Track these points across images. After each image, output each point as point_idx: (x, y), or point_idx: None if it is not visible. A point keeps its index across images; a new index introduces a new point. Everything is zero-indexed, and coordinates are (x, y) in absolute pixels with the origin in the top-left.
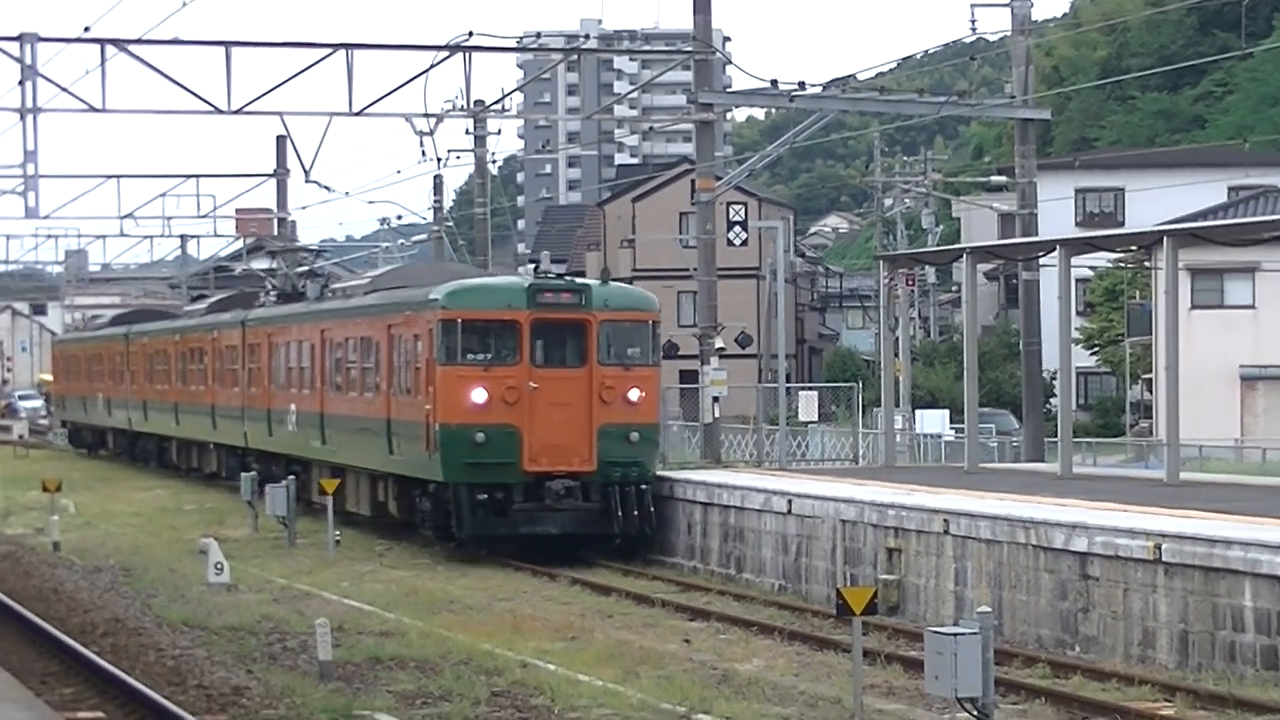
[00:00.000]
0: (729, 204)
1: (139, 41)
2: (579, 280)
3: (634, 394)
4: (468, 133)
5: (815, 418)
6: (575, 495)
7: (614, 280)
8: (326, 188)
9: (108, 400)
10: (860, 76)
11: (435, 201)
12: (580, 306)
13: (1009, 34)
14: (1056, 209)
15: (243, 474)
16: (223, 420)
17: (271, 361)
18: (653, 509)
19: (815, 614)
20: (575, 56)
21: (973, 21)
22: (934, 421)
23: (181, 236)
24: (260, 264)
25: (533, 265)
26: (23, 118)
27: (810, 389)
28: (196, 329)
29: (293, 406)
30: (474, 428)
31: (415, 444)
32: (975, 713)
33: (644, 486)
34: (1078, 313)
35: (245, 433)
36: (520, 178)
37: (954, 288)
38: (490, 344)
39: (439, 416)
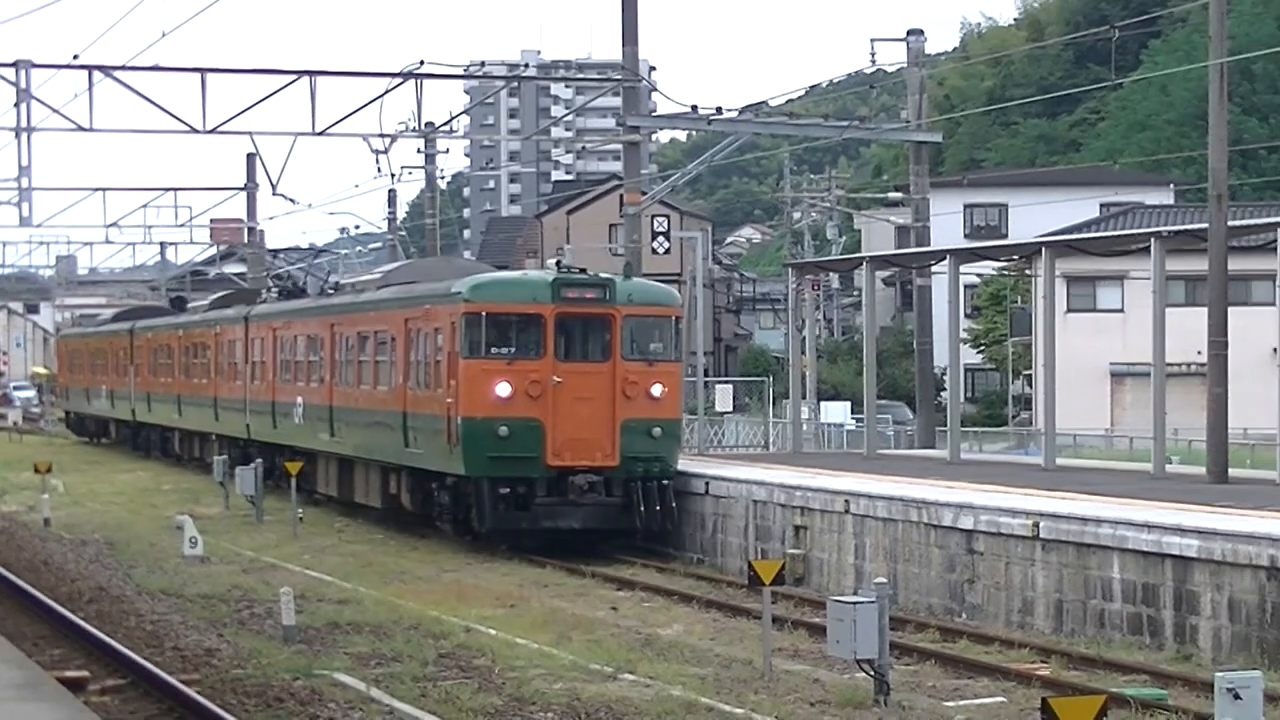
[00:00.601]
0: (654, 216)
1: (123, 68)
2: (603, 275)
3: (657, 389)
4: (419, 151)
5: (730, 408)
6: (598, 490)
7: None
8: (291, 200)
9: (111, 392)
10: (772, 103)
11: (390, 213)
12: (604, 301)
13: (905, 66)
14: (947, 222)
15: (215, 457)
16: (225, 412)
17: (277, 356)
18: (674, 504)
19: (730, 584)
20: (516, 84)
21: (873, 54)
22: (837, 412)
23: (161, 244)
24: (232, 268)
25: (554, 261)
26: (18, 136)
27: (726, 383)
28: (199, 324)
29: (299, 399)
30: (497, 421)
31: (435, 437)
32: (872, 673)
33: (665, 482)
34: (965, 315)
35: (248, 425)
36: (466, 192)
37: (855, 292)
38: (514, 338)
39: (461, 410)
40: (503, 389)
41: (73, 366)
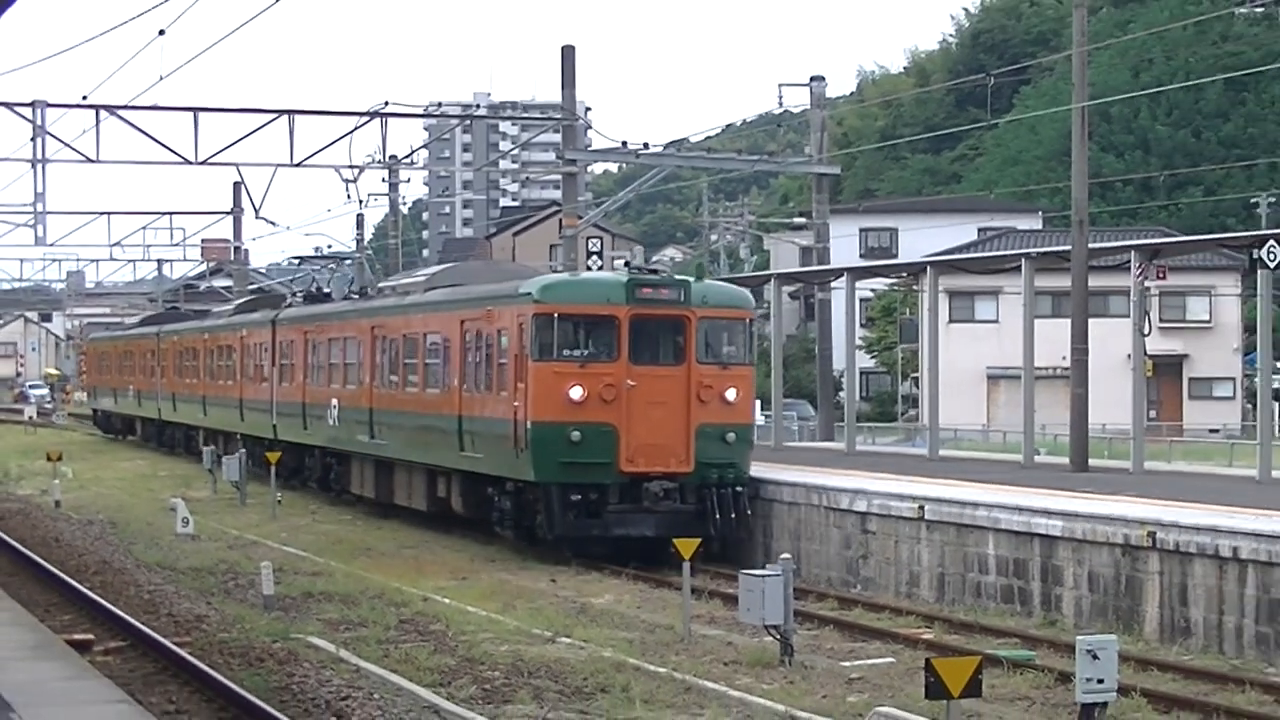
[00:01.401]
0: (589, 238)
1: (126, 107)
2: (678, 276)
3: (731, 393)
4: (384, 181)
5: None
6: (673, 497)
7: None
8: (272, 223)
9: (138, 392)
10: (692, 139)
11: (358, 235)
12: (679, 303)
13: (808, 107)
14: (844, 244)
15: (204, 448)
16: (250, 413)
17: (308, 358)
18: (749, 511)
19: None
20: (469, 122)
21: (780, 97)
22: None
23: (158, 261)
24: (220, 283)
25: (622, 262)
26: (34, 167)
27: None
28: (225, 328)
29: (334, 401)
30: (569, 426)
31: (498, 442)
32: (778, 637)
33: (739, 489)
34: (861, 325)
35: (274, 425)
36: (425, 216)
37: (765, 305)
38: (586, 339)
39: (531, 414)
40: (575, 392)
41: (100, 368)
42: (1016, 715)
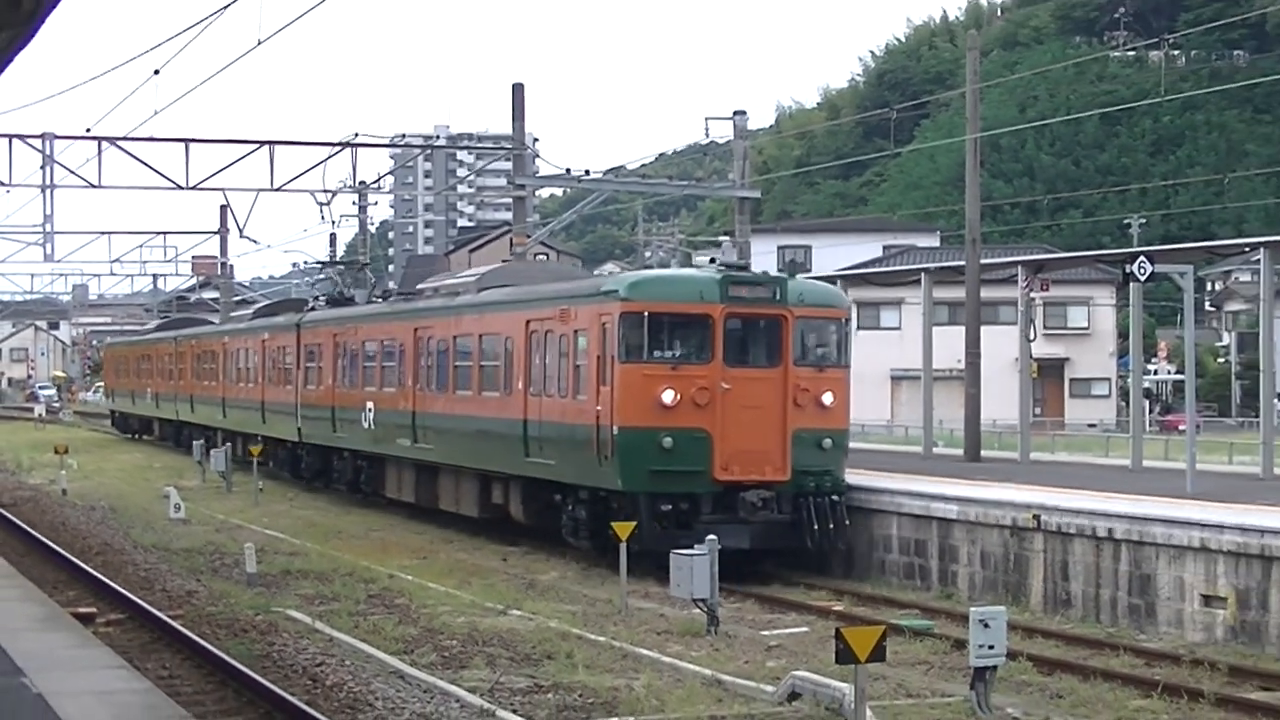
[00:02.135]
0: (536, 254)
1: (125, 138)
2: (772, 273)
3: (827, 397)
4: (354, 204)
5: None
6: (770, 507)
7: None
8: (255, 241)
9: (156, 394)
10: (629, 166)
11: (330, 252)
12: (774, 301)
13: (732, 138)
14: (764, 260)
15: (194, 442)
16: (273, 415)
17: (337, 361)
18: (847, 521)
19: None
20: (430, 151)
21: (707, 129)
22: None
23: (154, 275)
24: (209, 294)
25: (709, 260)
26: (43, 192)
27: None
28: (245, 332)
29: (369, 405)
30: (660, 432)
31: (574, 449)
32: (704, 609)
33: (836, 497)
34: None
35: (299, 428)
36: (391, 235)
37: None
38: (679, 340)
39: (618, 419)
40: (667, 396)
41: (119, 371)
42: (917, 678)
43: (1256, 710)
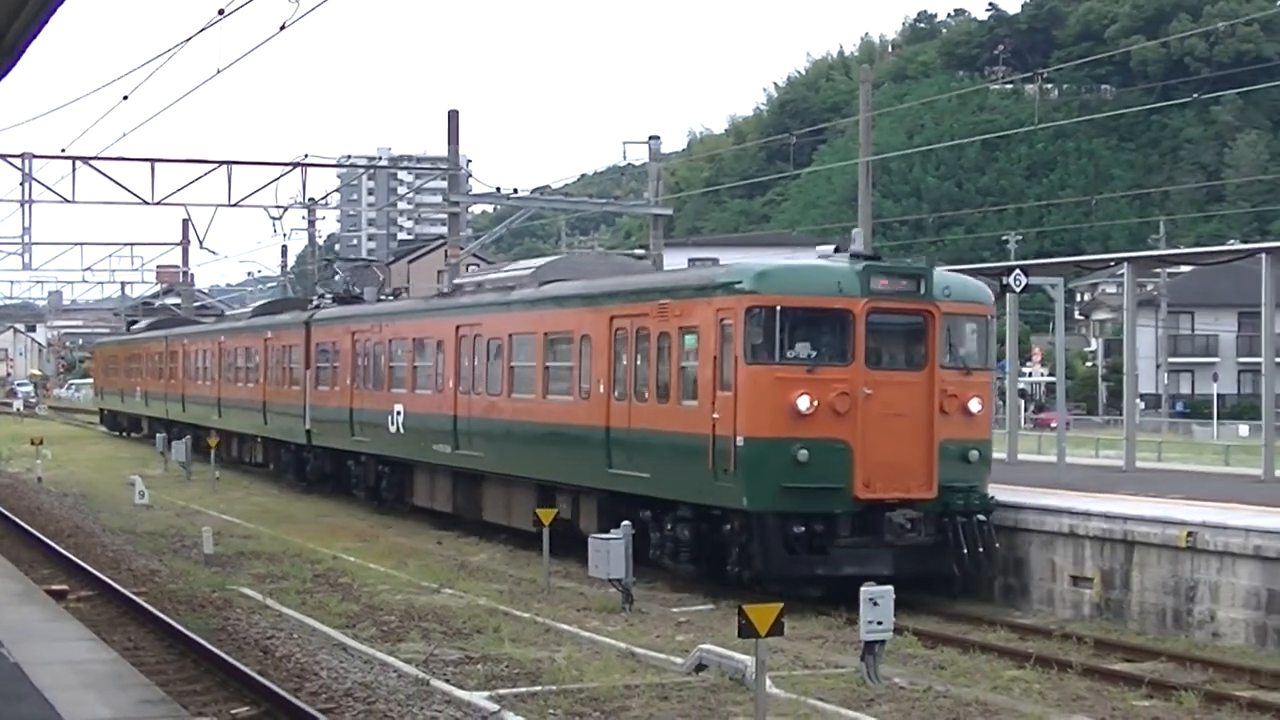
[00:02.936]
0: (469, 265)
1: (96, 158)
2: (915, 263)
3: (974, 404)
4: (303, 218)
5: None
6: (918, 529)
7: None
8: (213, 252)
9: (145, 393)
10: (554, 185)
11: (282, 263)
12: (919, 295)
13: (647, 160)
14: None
15: (157, 435)
16: (276, 417)
17: (355, 361)
18: (997, 544)
19: (519, 530)
20: (374, 171)
21: (624, 152)
22: None
23: (122, 283)
24: (171, 301)
25: (832, 249)
26: (22, 207)
27: None
28: (244, 330)
29: (398, 408)
30: (795, 443)
31: (680, 461)
32: (620, 588)
33: (983, 517)
34: None
35: (309, 430)
36: (337, 248)
37: None
38: (814, 339)
39: (744, 428)
40: (803, 403)
41: (108, 370)
42: (813, 650)
43: (1119, 679)
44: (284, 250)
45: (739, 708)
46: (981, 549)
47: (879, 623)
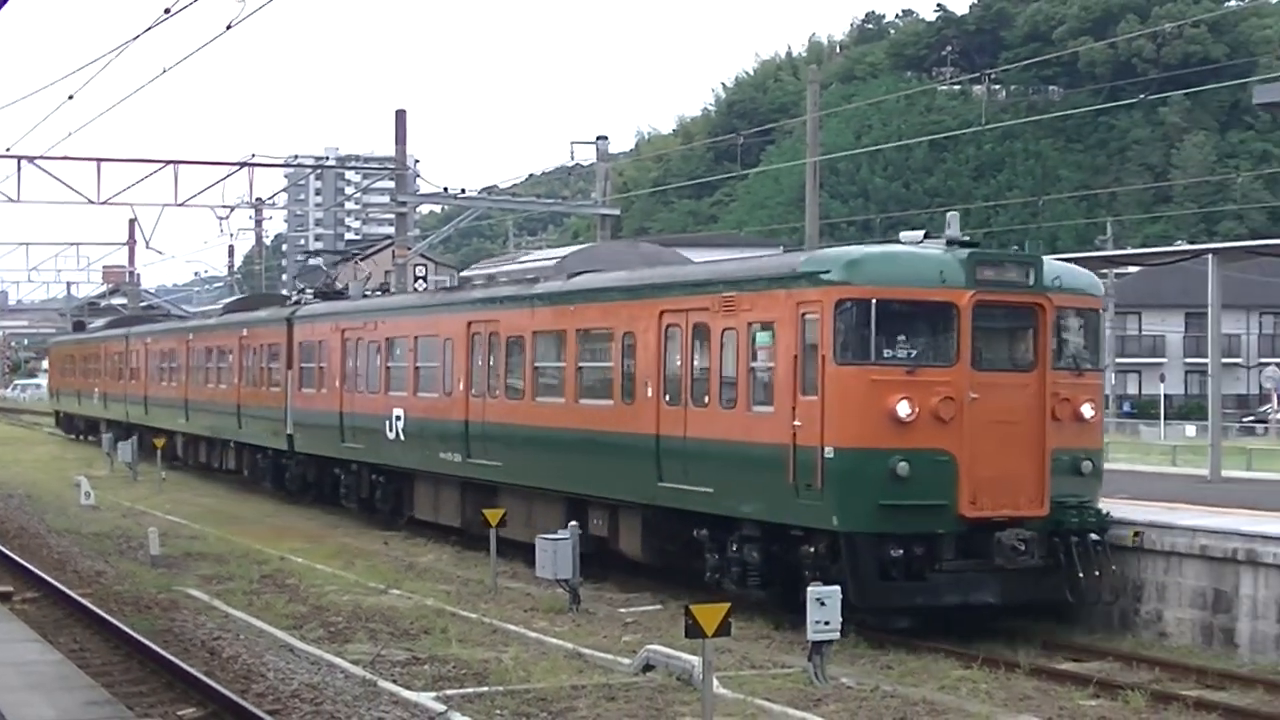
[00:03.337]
0: (416, 265)
1: (42, 157)
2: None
3: (1087, 409)
4: (250, 218)
5: None
6: (1031, 551)
7: None
8: (160, 252)
9: (104, 394)
10: (501, 185)
11: (229, 262)
12: (1029, 286)
13: (595, 161)
14: None
15: (104, 435)
16: (255, 421)
17: (346, 361)
18: (1114, 566)
19: (466, 530)
20: (321, 170)
21: (572, 152)
22: None
23: (68, 283)
24: (117, 300)
25: (920, 235)
26: None
27: None
28: (216, 328)
29: (397, 411)
30: (894, 454)
31: (753, 475)
32: (567, 589)
33: (1097, 536)
34: None
35: (291, 435)
36: (284, 248)
37: None
38: (915, 336)
39: (835, 437)
40: (903, 409)
41: (64, 371)
42: (759, 651)
43: (1066, 678)
44: (231, 250)
45: (686, 708)
46: (1098, 573)
47: (826, 623)
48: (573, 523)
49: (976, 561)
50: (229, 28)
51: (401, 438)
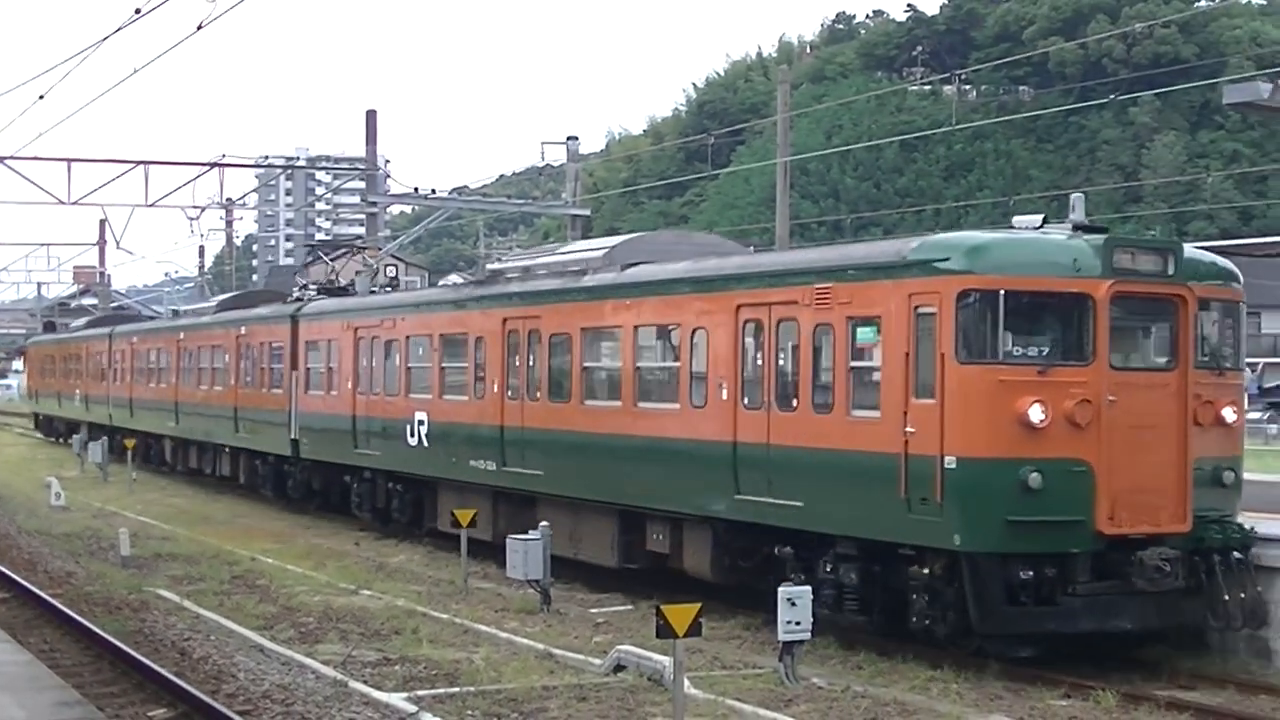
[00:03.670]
0: (387, 266)
1: (12, 157)
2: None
3: (1229, 412)
4: (221, 219)
5: None
6: (1175, 572)
7: None
8: (130, 252)
9: (85, 396)
10: (472, 186)
11: (200, 263)
12: (1169, 276)
13: (565, 161)
14: None
15: (74, 436)
16: (252, 425)
17: (360, 361)
18: (1259, 587)
19: (438, 532)
20: (291, 171)
21: (543, 153)
22: None
23: (38, 284)
24: (88, 301)
25: (1039, 220)
26: None
27: None
28: (209, 326)
29: (419, 415)
30: (1026, 464)
31: (854, 487)
32: (538, 589)
33: (1239, 554)
34: None
35: (296, 440)
36: (255, 248)
37: None
38: (1045, 331)
39: (958, 446)
40: (1035, 413)
41: (43, 371)
42: (730, 651)
43: (1037, 679)
44: (201, 250)
45: (657, 708)
46: (1244, 595)
47: (797, 623)
48: (544, 523)
49: (1113, 583)
50: (200, 28)
51: (424, 443)
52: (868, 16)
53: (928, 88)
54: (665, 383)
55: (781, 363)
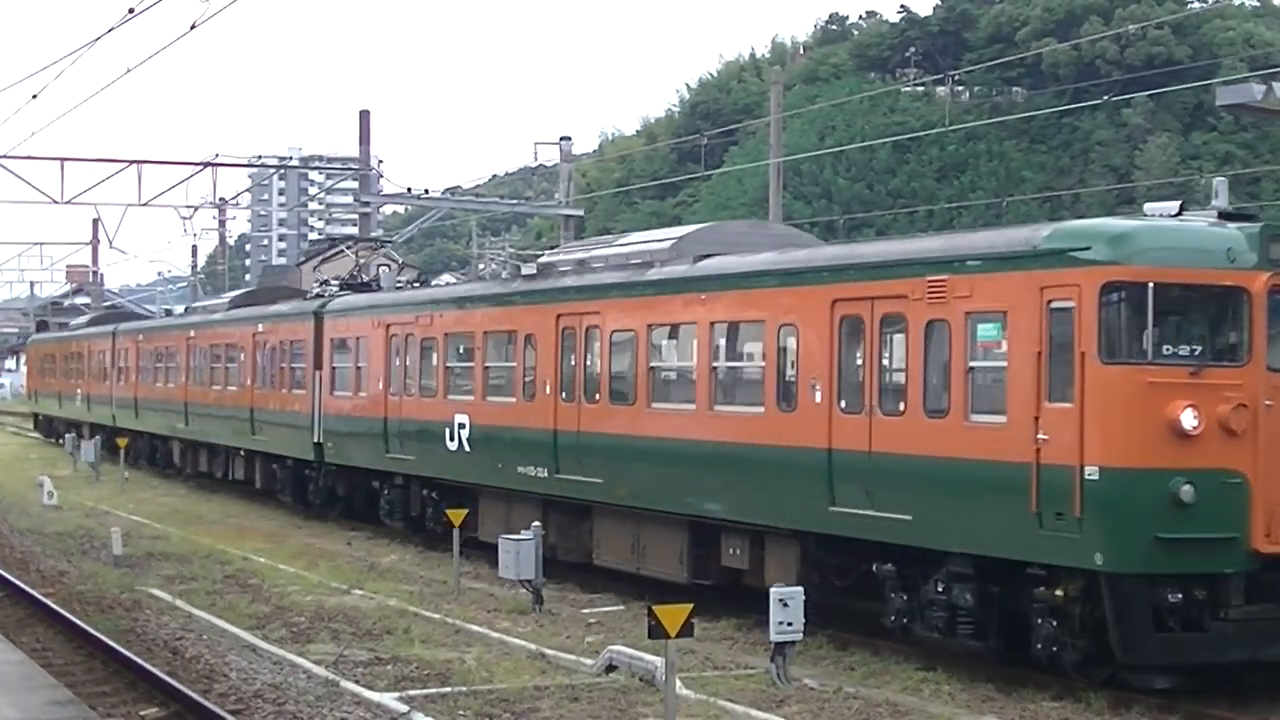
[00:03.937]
0: (380, 266)
1: (5, 156)
2: None
3: None
4: (214, 218)
5: None
6: None
7: None
8: (123, 252)
9: (87, 396)
10: (465, 186)
11: (192, 262)
12: None
13: (558, 161)
14: None
15: (66, 435)
16: (272, 427)
17: (393, 360)
18: None
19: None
20: (284, 170)
21: (535, 153)
22: None
23: (31, 282)
24: (81, 300)
25: (1176, 206)
26: None
27: None
28: (224, 323)
29: (460, 418)
30: (1176, 475)
31: (974, 498)
32: (530, 589)
33: None
34: None
35: (320, 444)
36: (248, 247)
37: None
38: (1195, 329)
39: (1100, 455)
40: (1187, 418)
41: (44, 371)
42: (722, 651)
43: (1029, 680)
44: (194, 250)
45: (649, 709)
46: None
47: (789, 624)
48: (535, 523)
49: (1268, 607)
50: (193, 27)
51: (466, 448)
52: (861, 17)
53: (921, 89)
54: (746, 384)
55: (886, 362)
